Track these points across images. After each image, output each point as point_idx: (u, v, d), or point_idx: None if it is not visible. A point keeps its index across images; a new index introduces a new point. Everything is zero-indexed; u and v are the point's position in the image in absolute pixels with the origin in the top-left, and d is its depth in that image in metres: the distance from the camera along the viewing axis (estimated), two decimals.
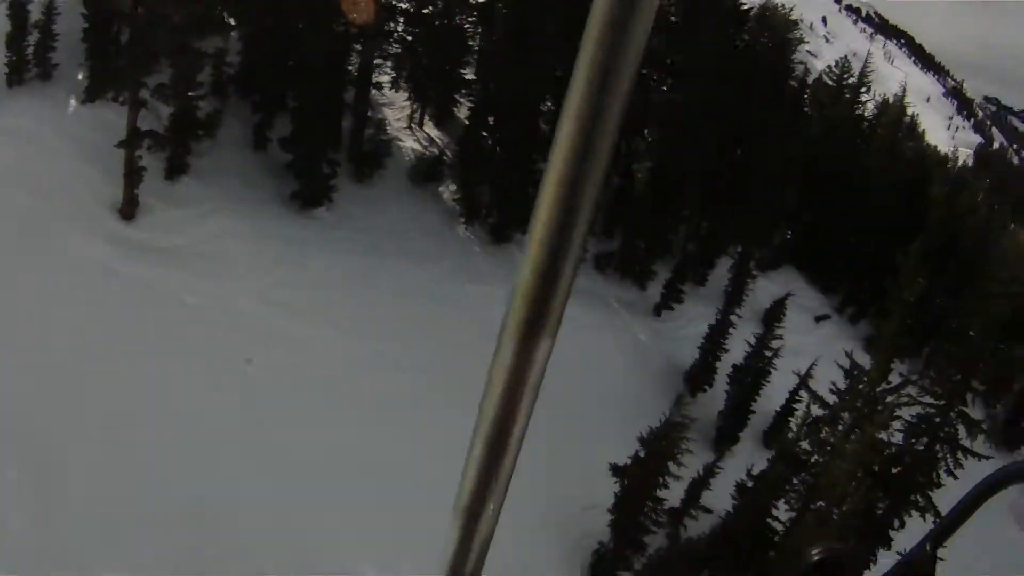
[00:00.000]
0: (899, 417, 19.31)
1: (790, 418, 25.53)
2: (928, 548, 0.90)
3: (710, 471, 19.60)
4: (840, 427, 19.62)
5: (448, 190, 26.59)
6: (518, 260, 0.47)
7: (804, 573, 0.98)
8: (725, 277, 30.78)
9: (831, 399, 20.37)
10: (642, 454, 17.75)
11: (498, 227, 26.09)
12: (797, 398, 25.34)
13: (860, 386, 19.37)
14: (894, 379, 19.66)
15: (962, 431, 20.96)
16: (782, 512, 20.07)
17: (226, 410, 16.02)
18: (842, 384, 20.16)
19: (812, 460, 19.91)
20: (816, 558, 0.96)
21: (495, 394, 0.53)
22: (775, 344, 25.30)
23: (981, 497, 0.85)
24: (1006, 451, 43.23)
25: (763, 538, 19.63)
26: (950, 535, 0.91)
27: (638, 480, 17.78)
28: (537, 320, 0.49)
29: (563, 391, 20.83)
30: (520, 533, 17.22)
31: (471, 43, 28.32)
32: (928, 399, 21.13)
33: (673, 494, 18.51)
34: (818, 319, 37.08)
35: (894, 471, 19.94)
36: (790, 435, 20.22)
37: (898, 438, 20.37)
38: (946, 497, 20.18)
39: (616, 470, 18.07)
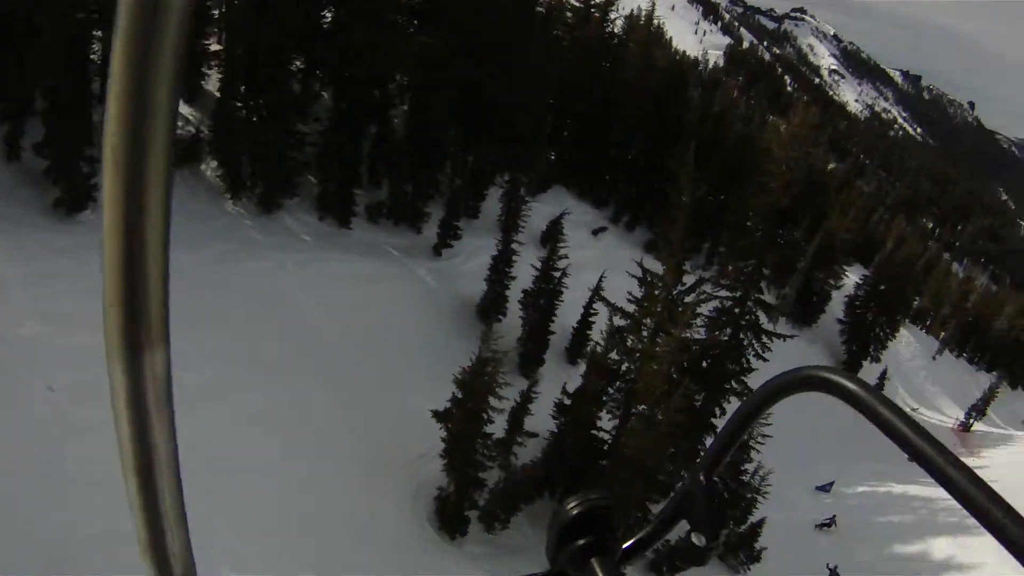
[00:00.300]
0: (700, 314, 21.81)
1: (588, 332, 27.92)
2: (702, 477, 0.92)
3: (527, 397, 20.40)
4: (645, 333, 21.49)
5: (209, 167, 25.29)
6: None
7: (560, 534, 0.93)
8: (498, 207, 32.54)
9: (628, 308, 21.99)
10: (460, 395, 18.34)
11: (265, 196, 25.70)
12: (592, 311, 27.49)
13: (656, 292, 21.16)
14: (686, 279, 21.58)
15: (762, 317, 24.95)
16: (606, 422, 22.11)
17: (38, 441, 14.92)
18: (637, 292, 21.96)
19: (623, 368, 21.87)
20: (575, 512, 0.92)
21: (123, 424, 0.52)
22: (561, 264, 26.78)
23: (749, 417, 0.87)
24: (803, 326, 52.48)
25: (592, 449, 21.65)
26: (724, 459, 0.94)
27: (462, 421, 18.37)
28: (138, 331, 0.47)
29: (367, 347, 21.71)
30: (363, 491, 18.08)
31: (213, 13, 27.41)
32: (724, 292, 25.19)
33: (497, 426, 19.24)
34: (595, 232, 40.00)
35: (705, 365, 23.98)
36: (597, 348, 21.64)
37: (703, 335, 24.26)
38: (759, 378, 24.86)
39: (438, 415, 18.67)
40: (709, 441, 20.62)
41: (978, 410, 62.60)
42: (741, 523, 24.56)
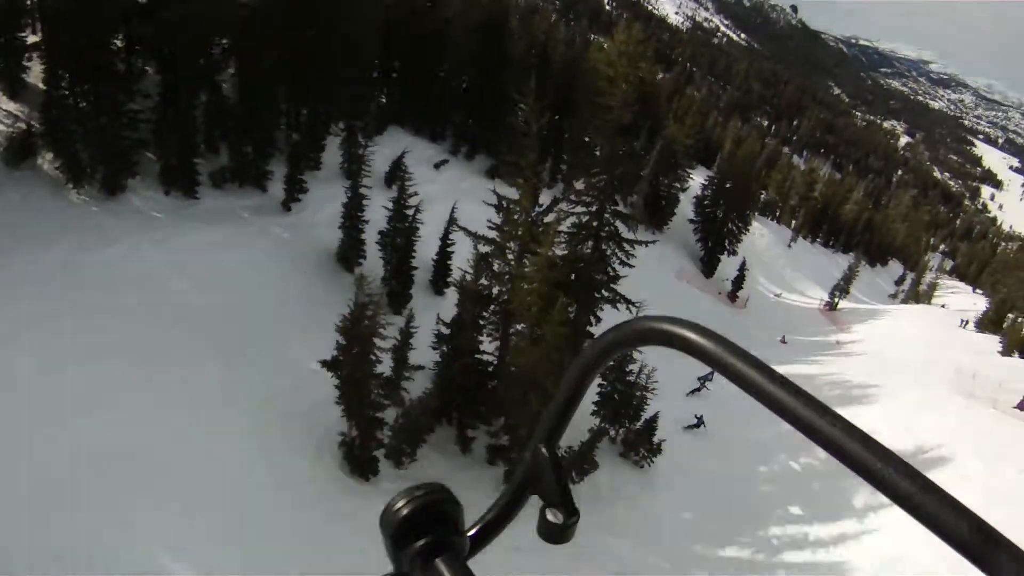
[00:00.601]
0: (560, 232, 23.75)
1: (448, 262, 29.80)
2: (543, 448, 0.91)
3: (407, 333, 21.76)
4: (511, 256, 23.40)
5: (46, 161, 25.16)
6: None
7: (394, 538, 0.86)
8: (338, 156, 34.69)
9: (490, 234, 23.84)
10: (344, 342, 19.33)
11: (108, 180, 26.01)
12: (449, 242, 29.51)
13: (516, 216, 23.05)
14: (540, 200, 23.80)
15: (621, 227, 26.96)
16: (487, 345, 23.94)
17: None
18: (495, 219, 23.79)
19: (495, 292, 23.68)
20: (404, 512, 0.86)
21: None
22: (412, 201, 28.12)
23: (583, 380, 0.85)
24: (656, 230, 55.32)
25: (479, 373, 23.40)
26: (563, 426, 0.91)
27: (352, 366, 19.42)
28: None
29: (240, 312, 23.22)
30: (271, 450, 19.44)
31: (27, 2, 27.67)
32: (580, 208, 27.31)
33: (382, 366, 20.40)
34: (437, 165, 41.78)
35: (573, 278, 26.12)
36: (466, 276, 22.92)
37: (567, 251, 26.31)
38: (628, 283, 27.19)
39: (328, 364, 19.64)
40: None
41: (841, 289, 69.14)
42: (635, 421, 26.91)
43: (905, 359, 46.93)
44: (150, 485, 16.33)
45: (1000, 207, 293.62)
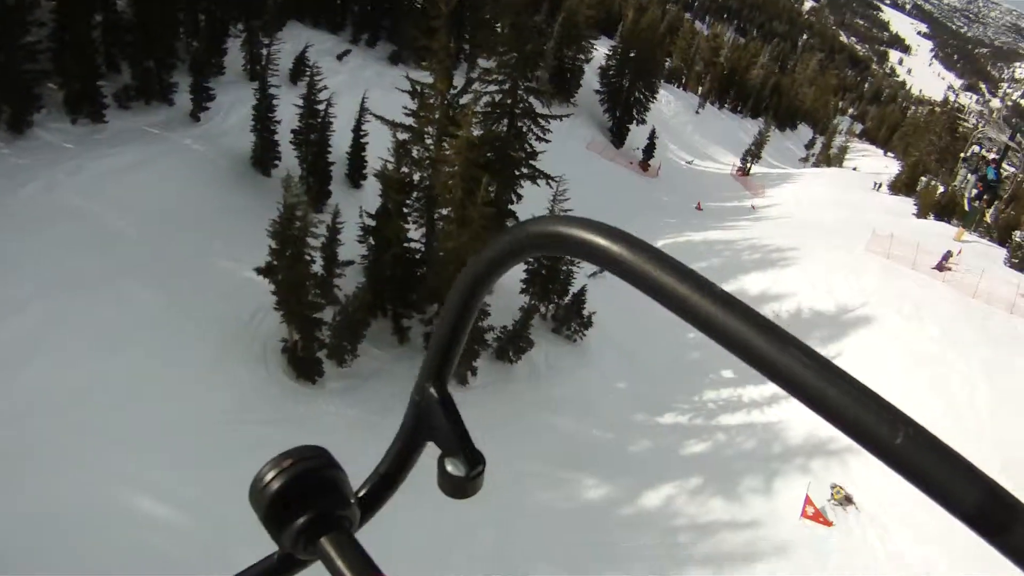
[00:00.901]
0: (476, 112, 24.54)
1: (363, 154, 30.47)
2: (432, 390, 0.85)
3: (334, 229, 22.43)
4: (429, 141, 24.21)
5: None
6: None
7: (268, 516, 0.79)
8: (241, 58, 34.91)
9: (407, 121, 24.38)
10: (277, 246, 19.97)
11: (13, 118, 25.31)
12: (362, 132, 30.07)
13: (431, 100, 23.79)
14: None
15: (534, 103, 27.76)
16: (414, 232, 24.86)
17: None
18: (410, 105, 24.38)
19: (417, 179, 24.48)
20: (275, 487, 0.79)
21: None
22: (322, 96, 28.60)
23: (466, 308, 0.80)
24: (564, 102, 55.22)
25: (409, 261, 24.32)
26: (451, 364, 0.86)
27: (288, 269, 20.12)
28: None
29: (165, 231, 23.84)
30: (217, 366, 20.27)
31: None
32: (493, 87, 27.50)
33: (315, 267, 21.36)
34: (340, 56, 42.39)
35: (491, 157, 26.63)
36: (388, 166, 23.54)
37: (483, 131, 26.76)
38: (541, 159, 27.94)
39: (263, 271, 20.38)
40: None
41: (753, 154, 71.62)
42: (563, 296, 28.24)
43: (821, 222, 49.18)
44: (104, 422, 16.83)
45: (909, 71, 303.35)
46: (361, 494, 0.94)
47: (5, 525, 13.88)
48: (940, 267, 39.50)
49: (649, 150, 59.53)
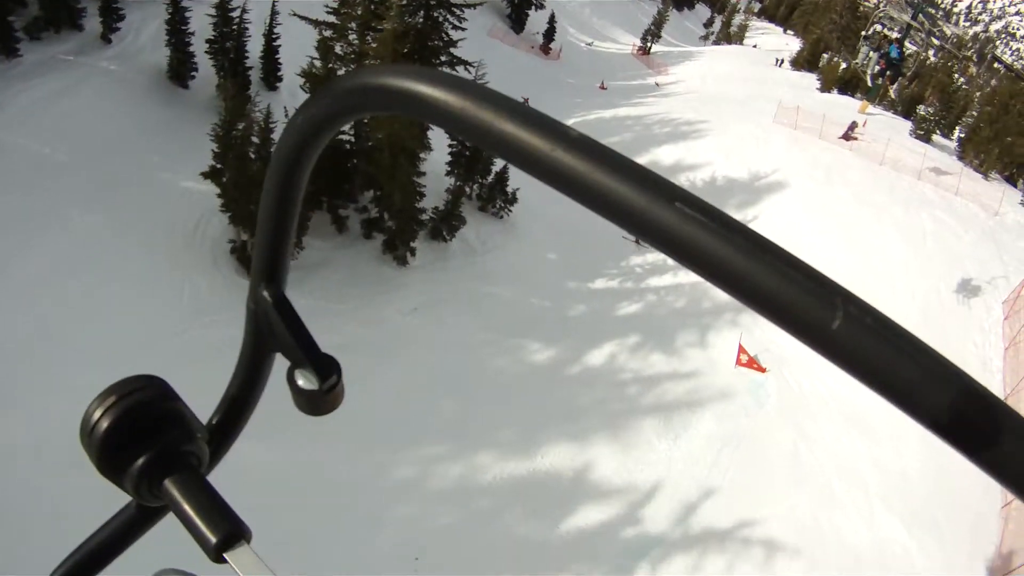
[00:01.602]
0: (392, 5, 25.36)
1: (277, 56, 31.56)
2: (266, 293, 0.81)
3: (267, 129, 23.19)
4: (353, 37, 25.75)
5: None
6: None
7: (104, 461, 0.75)
8: None
9: (328, 19, 25.60)
10: (219, 149, 21.39)
11: None
12: (274, 36, 31.08)
13: None
14: None
15: None
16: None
17: None
18: (331, 3, 25.81)
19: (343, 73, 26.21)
20: (105, 425, 0.74)
21: None
22: (235, 3, 29.53)
23: (287, 182, 0.72)
24: None
25: (343, 152, 25.79)
26: (283, 262, 0.80)
27: (236, 171, 21.48)
28: None
29: (100, 156, 24.77)
30: (173, 277, 21.87)
31: None
32: None
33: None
34: None
35: (408, 49, 27.49)
36: (314, 63, 24.92)
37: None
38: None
39: (209, 174, 21.79)
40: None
41: (653, 34, 73.78)
42: (487, 175, 29.87)
43: (727, 96, 51.77)
44: (71, 343, 17.98)
45: None
46: (214, 421, 0.90)
47: None
48: (846, 137, 42.74)
49: (549, 34, 61.34)
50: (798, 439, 22.40)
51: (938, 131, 53.24)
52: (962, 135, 53.13)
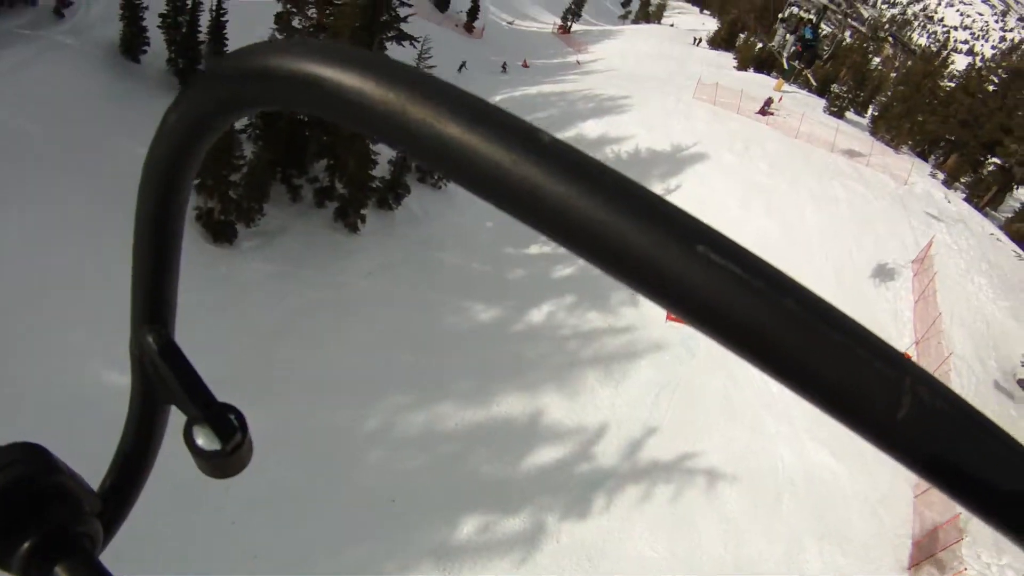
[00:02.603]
0: None
1: (224, 32, 32.74)
2: (150, 338, 0.70)
3: None
4: (311, 11, 28.67)
5: None
6: None
7: None
8: None
9: None
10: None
11: None
12: (222, 12, 32.59)
13: None
14: None
15: None
16: None
17: None
18: None
19: None
20: None
21: None
22: None
23: (163, 199, 0.63)
24: None
25: (300, 123, 27.97)
26: (167, 299, 0.70)
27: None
28: None
29: (71, 129, 26.00)
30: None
31: None
32: None
33: None
34: None
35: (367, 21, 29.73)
36: (275, 35, 26.88)
37: None
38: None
39: None
40: None
41: (573, 13, 77.09)
42: None
43: (648, 74, 55.10)
44: (65, 313, 19.18)
45: None
46: (107, 485, 0.80)
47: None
48: (763, 112, 46.33)
49: (473, 12, 63.76)
50: (728, 383, 25.04)
51: (851, 109, 57.45)
52: (875, 113, 57.68)
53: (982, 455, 0.29)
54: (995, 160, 52.10)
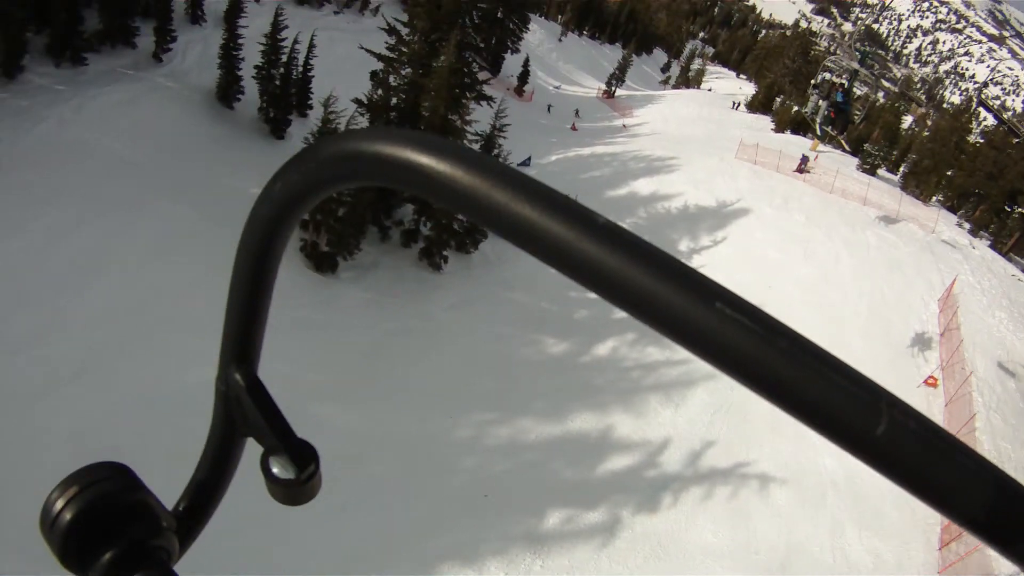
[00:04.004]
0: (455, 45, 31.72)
1: (310, 86, 36.45)
2: (238, 375, 0.79)
3: None
4: (406, 70, 31.64)
5: None
6: None
7: (67, 556, 0.72)
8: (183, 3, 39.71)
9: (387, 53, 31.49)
10: None
11: (7, 62, 28.76)
12: (309, 66, 36.31)
13: (409, 37, 31.50)
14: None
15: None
16: None
17: None
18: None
19: (392, 102, 31.60)
20: (68, 517, 0.72)
21: None
22: (284, 36, 34.72)
23: (262, 255, 0.73)
24: None
25: None
26: (255, 341, 0.80)
27: None
28: None
29: (176, 160, 29.90)
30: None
31: None
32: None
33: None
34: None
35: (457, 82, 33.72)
36: (376, 93, 30.79)
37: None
38: None
39: None
40: None
41: (617, 78, 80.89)
42: None
43: (690, 136, 58.49)
44: (173, 318, 21.48)
45: None
46: (181, 508, 0.89)
47: (115, 411, 17.96)
48: (800, 170, 49.64)
49: (523, 77, 67.36)
50: (774, 406, 28.14)
51: (883, 166, 60.28)
52: (906, 171, 60.61)
53: (947, 465, 0.37)
54: (1020, 210, 54.81)
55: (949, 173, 59.05)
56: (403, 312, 28.12)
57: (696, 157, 49.27)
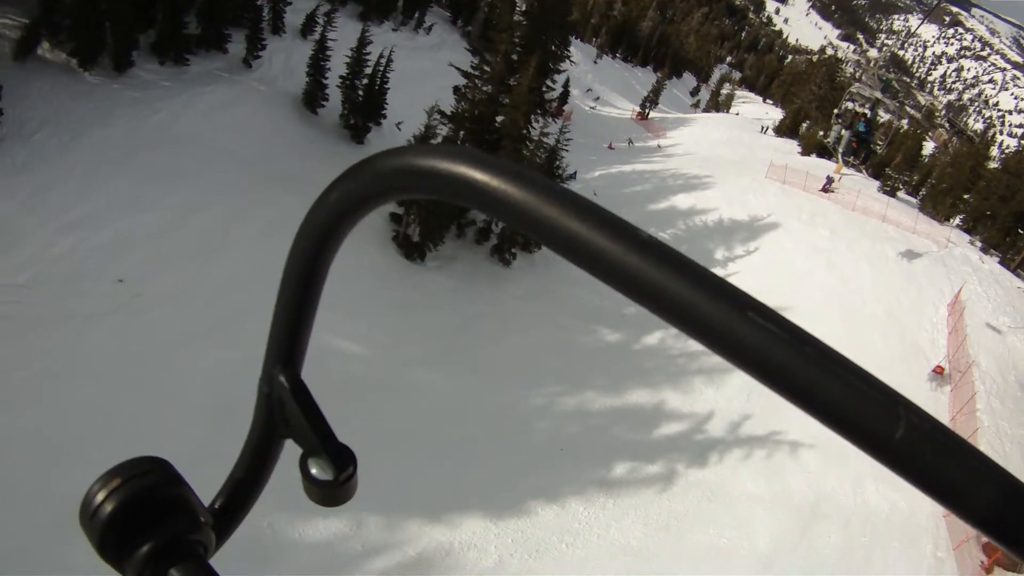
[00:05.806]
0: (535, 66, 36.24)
1: (384, 99, 39.64)
2: (282, 378, 0.82)
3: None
4: (487, 88, 35.64)
5: (46, 51, 30.79)
6: None
7: (106, 548, 0.76)
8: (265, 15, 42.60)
9: (470, 71, 35.55)
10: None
11: (119, 57, 32.00)
12: (385, 79, 39.37)
13: (491, 59, 35.45)
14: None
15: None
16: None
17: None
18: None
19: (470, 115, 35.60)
20: (108, 510, 0.75)
21: None
22: (368, 51, 38.09)
23: (314, 260, 0.76)
24: None
25: None
26: (301, 345, 0.83)
27: None
28: None
29: (275, 154, 34.05)
30: (357, 249, 29.09)
31: None
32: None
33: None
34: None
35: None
36: (462, 105, 34.55)
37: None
38: None
39: None
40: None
41: (651, 100, 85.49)
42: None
43: (722, 157, 63.15)
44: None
45: (786, 21, 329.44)
46: (217, 505, 0.92)
47: (241, 368, 22.65)
48: (825, 189, 54.28)
49: (564, 97, 71.52)
50: None
51: (903, 189, 64.42)
52: (924, 194, 64.37)
53: (959, 467, 0.39)
54: None
55: (966, 196, 63.08)
56: (480, 299, 32.31)
57: (729, 176, 54.25)
